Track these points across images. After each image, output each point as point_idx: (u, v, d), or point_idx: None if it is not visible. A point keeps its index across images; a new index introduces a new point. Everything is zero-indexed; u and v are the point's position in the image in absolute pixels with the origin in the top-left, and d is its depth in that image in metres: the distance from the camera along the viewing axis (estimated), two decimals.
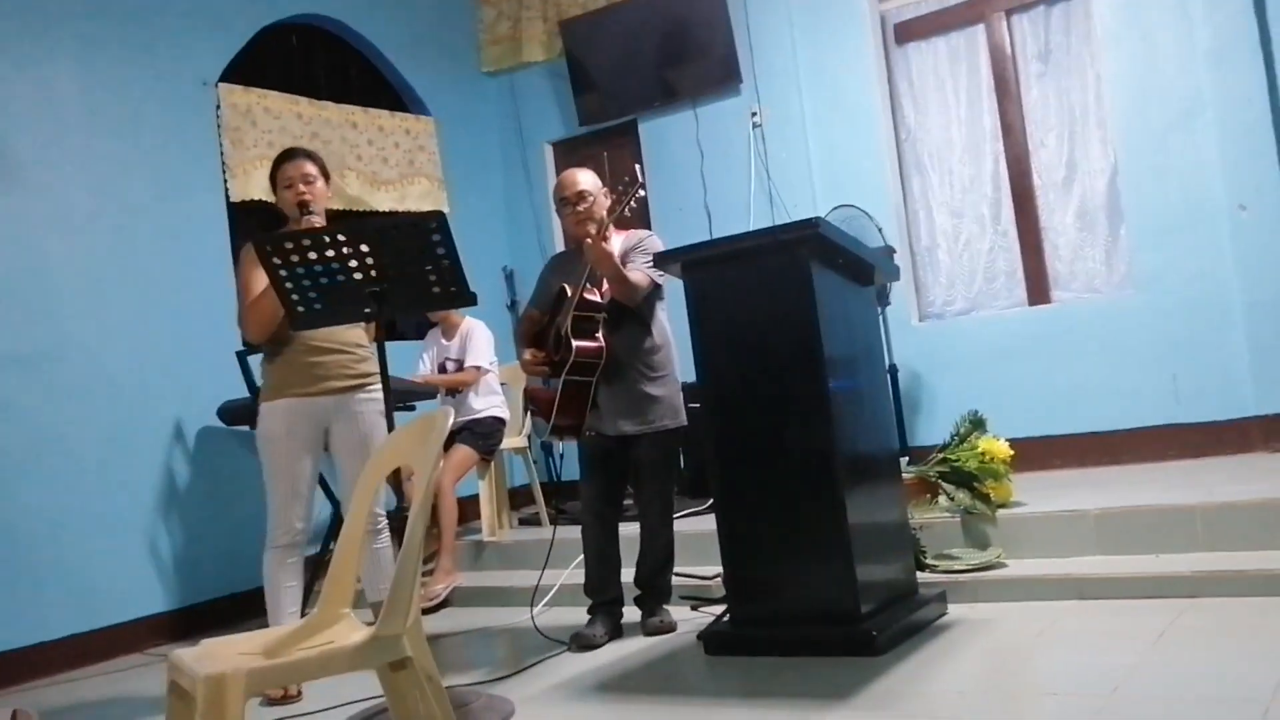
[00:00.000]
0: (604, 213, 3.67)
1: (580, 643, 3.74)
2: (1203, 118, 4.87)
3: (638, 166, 3.70)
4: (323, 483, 3.87)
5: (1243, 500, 3.64)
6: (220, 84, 5.37)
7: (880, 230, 5.08)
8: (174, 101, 5.17)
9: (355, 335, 3.66)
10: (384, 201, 6.14)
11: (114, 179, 4.91)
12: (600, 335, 3.72)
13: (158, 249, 4.99)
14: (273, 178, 3.66)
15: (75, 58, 4.83)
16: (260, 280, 3.50)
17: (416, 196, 6.31)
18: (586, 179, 3.86)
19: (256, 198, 5.36)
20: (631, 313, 3.79)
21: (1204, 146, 4.87)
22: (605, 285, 3.75)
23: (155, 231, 5.00)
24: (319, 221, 3.51)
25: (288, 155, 3.66)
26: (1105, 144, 5.28)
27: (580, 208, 3.79)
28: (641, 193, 3.59)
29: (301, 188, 3.55)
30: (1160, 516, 3.69)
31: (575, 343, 3.66)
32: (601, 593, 3.89)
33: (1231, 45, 4.78)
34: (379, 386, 3.65)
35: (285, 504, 3.55)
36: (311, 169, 3.60)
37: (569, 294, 3.74)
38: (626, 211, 3.62)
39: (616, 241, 3.80)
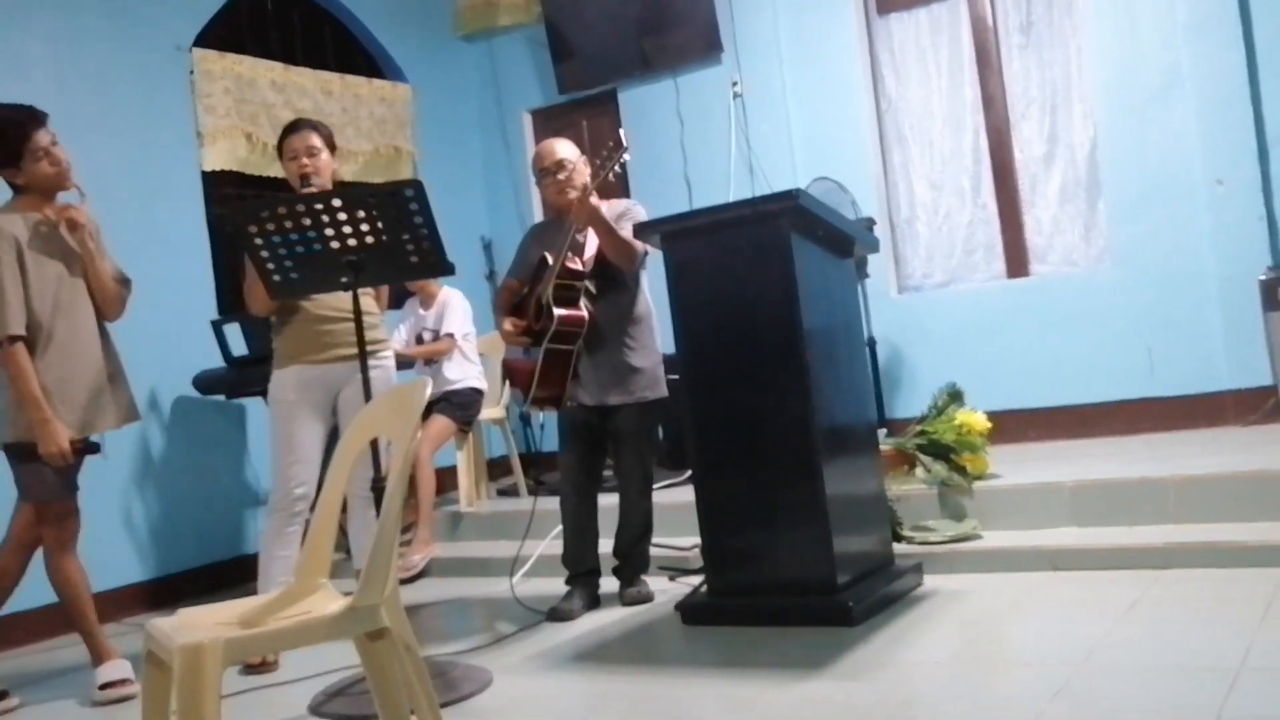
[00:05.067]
0: (586, 179, 3.66)
1: (557, 617, 3.75)
2: (1181, 91, 4.88)
3: (622, 132, 3.66)
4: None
5: (1214, 473, 3.68)
6: (194, 49, 5.29)
7: (855, 204, 5.07)
8: (147, 66, 5.09)
9: (364, 302, 3.61)
10: (349, 172, 5.90)
11: (86, 145, 4.77)
12: (582, 304, 3.70)
13: (131, 216, 4.91)
14: (279, 149, 3.64)
15: (47, 21, 4.74)
16: None
17: (384, 167, 6.19)
18: (565, 148, 3.85)
19: (230, 168, 5.30)
20: (615, 282, 3.77)
21: (1182, 120, 4.88)
22: (586, 254, 3.73)
23: (129, 198, 4.93)
24: None
25: (293, 127, 3.64)
26: (1086, 117, 5.28)
27: (560, 176, 3.77)
28: (626, 158, 3.57)
29: (305, 160, 3.54)
30: (1134, 489, 3.73)
31: (557, 311, 3.64)
32: (579, 564, 3.90)
33: (1211, 18, 4.79)
34: (389, 352, 3.73)
35: (286, 468, 3.53)
36: (316, 141, 3.58)
37: (550, 262, 3.72)
38: (610, 177, 3.60)
39: (601, 210, 3.78)
